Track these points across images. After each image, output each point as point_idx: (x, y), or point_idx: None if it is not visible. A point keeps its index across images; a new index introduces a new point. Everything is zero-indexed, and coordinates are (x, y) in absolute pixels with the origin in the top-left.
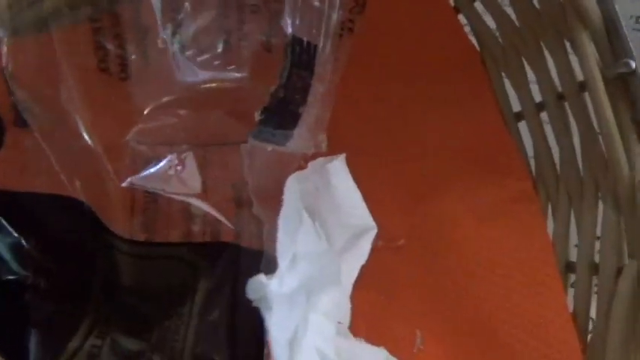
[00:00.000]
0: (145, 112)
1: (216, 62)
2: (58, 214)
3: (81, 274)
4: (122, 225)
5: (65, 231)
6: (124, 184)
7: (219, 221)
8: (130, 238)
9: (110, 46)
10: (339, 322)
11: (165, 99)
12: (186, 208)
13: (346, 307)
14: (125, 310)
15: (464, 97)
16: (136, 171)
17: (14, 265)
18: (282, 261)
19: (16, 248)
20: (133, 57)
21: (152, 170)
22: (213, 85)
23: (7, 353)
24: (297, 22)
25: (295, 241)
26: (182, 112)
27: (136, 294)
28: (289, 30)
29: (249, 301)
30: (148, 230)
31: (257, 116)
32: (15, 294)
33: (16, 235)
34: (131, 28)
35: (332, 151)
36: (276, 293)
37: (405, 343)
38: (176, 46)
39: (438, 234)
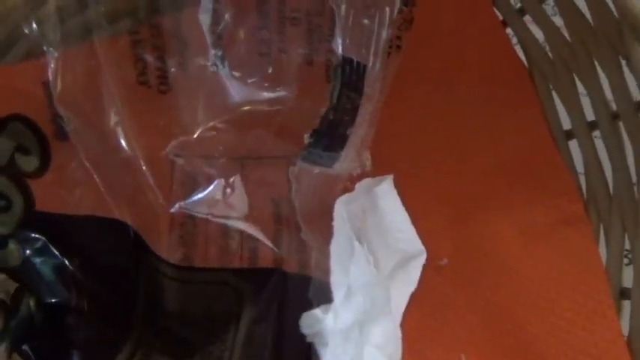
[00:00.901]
0: (184, 126)
1: (256, 77)
2: (102, 237)
3: (123, 297)
4: (161, 242)
5: (109, 253)
6: (172, 210)
7: (258, 238)
8: (175, 263)
9: (149, 59)
10: (391, 355)
11: (204, 112)
12: (223, 225)
13: (397, 338)
14: (167, 334)
15: (511, 114)
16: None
17: (58, 288)
18: (337, 294)
19: (60, 270)
20: (173, 70)
21: (200, 195)
22: (252, 99)
23: None
24: (347, 41)
25: (348, 271)
26: (220, 125)
27: (178, 318)
28: (339, 50)
29: (295, 329)
30: (186, 245)
31: (306, 139)
32: (58, 316)
33: (60, 257)
34: (171, 40)
35: (375, 169)
36: (332, 329)
37: None
38: (217, 61)
39: (483, 255)
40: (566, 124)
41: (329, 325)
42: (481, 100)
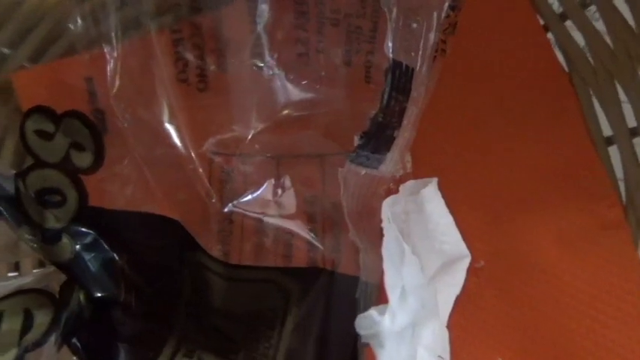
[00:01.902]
0: (221, 124)
1: (295, 77)
2: (151, 233)
3: (170, 292)
4: (210, 239)
5: (157, 250)
6: (225, 210)
7: (292, 235)
8: (225, 260)
9: (190, 57)
10: (440, 357)
11: (242, 111)
12: (259, 221)
13: (446, 339)
14: (212, 330)
15: (551, 119)
16: (219, 189)
17: (106, 282)
18: (393, 296)
19: (109, 265)
20: (212, 68)
21: (254, 195)
22: (290, 99)
23: None
24: (397, 45)
25: (401, 273)
26: (257, 124)
27: (224, 315)
28: (390, 53)
29: (340, 329)
30: (223, 242)
31: (356, 140)
32: (105, 311)
33: (110, 252)
34: (211, 39)
35: (415, 171)
36: (389, 330)
37: None
38: (256, 60)
39: (520, 258)
40: (607, 129)
41: (386, 326)
42: (521, 104)
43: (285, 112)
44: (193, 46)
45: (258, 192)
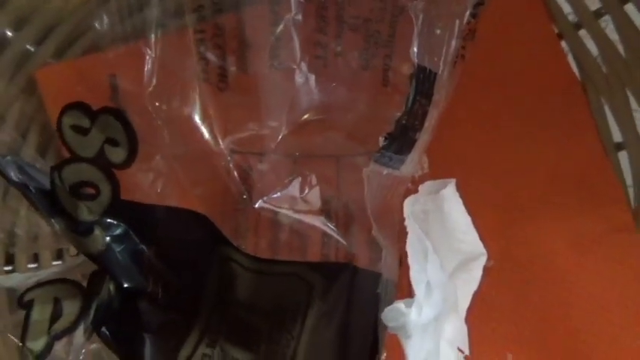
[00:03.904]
0: (240, 123)
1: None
2: (180, 227)
3: (196, 284)
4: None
5: (185, 243)
6: (256, 206)
7: (317, 231)
8: (253, 254)
9: (211, 57)
10: (459, 349)
11: (261, 111)
12: (273, 216)
13: (465, 334)
14: (235, 322)
15: (564, 125)
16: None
17: (135, 274)
18: (418, 290)
19: (138, 257)
20: (233, 69)
21: (283, 192)
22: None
23: (125, 356)
24: (422, 50)
25: (425, 269)
26: (274, 123)
27: (248, 307)
28: (415, 58)
29: (361, 323)
30: (251, 236)
31: (381, 142)
32: (133, 301)
33: (139, 244)
34: (232, 40)
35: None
36: (415, 322)
37: None
38: (275, 62)
39: (533, 258)
40: (617, 136)
41: (413, 319)
42: (535, 110)
43: (306, 115)
44: (215, 46)
45: (287, 189)
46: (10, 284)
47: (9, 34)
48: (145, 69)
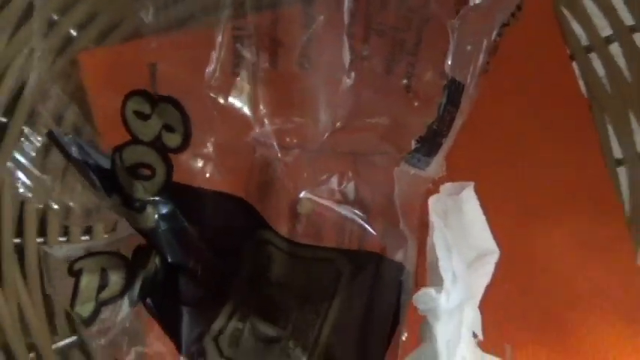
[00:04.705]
0: (266, 117)
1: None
2: (223, 210)
3: (233, 264)
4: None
5: (227, 225)
6: (301, 195)
7: (350, 221)
8: (291, 239)
9: (246, 54)
10: (474, 333)
11: (285, 106)
12: (293, 206)
13: (479, 319)
14: (266, 299)
15: (570, 138)
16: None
17: (178, 250)
18: (446, 278)
19: (182, 236)
20: (264, 65)
21: (326, 184)
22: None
23: (165, 326)
24: (455, 63)
25: (451, 259)
26: (297, 119)
27: (280, 287)
28: (448, 70)
29: (382, 310)
30: (290, 222)
31: (413, 144)
32: (174, 275)
33: (185, 224)
34: (265, 38)
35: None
36: (445, 307)
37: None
38: (304, 61)
39: (535, 259)
40: (617, 152)
41: (442, 303)
42: (545, 123)
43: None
44: (250, 43)
45: (328, 182)
46: (62, 254)
47: (54, 17)
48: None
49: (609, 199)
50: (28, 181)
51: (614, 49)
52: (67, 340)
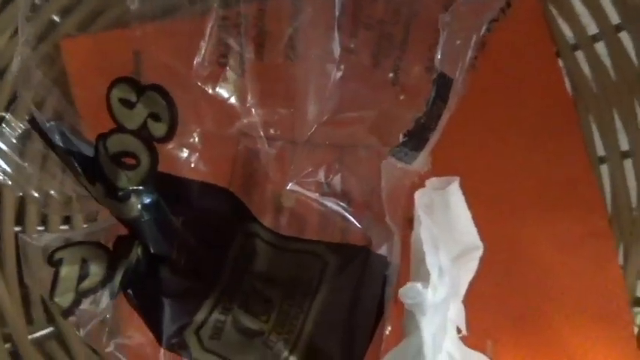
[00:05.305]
0: (252, 107)
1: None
2: (208, 201)
3: (218, 256)
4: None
5: (211, 216)
6: (288, 187)
7: (336, 214)
8: (276, 231)
9: (233, 44)
10: (458, 327)
11: (271, 97)
12: (278, 198)
13: (463, 314)
14: (250, 292)
15: (554, 135)
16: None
17: (162, 241)
18: (433, 273)
19: (166, 226)
20: (249, 56)
21: (313, 177)
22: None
23: (146, 317)
24: (444, 58)
25: (438, 254)
26: (283, 111)
27: (264, 279)
28: (437, 65)
29: (367, 303)
30: (275, 214)
31: (400, 138)
32: (157, 267)
33: (169, 214)
34: (253, 29)
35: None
36: (431, 301)
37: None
38: (290, 53)
39: (517, 254)
40: (600, 150)
41: (429, 298)
42: (530, 120)
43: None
44: (237, 33)
45: (315, 174)
46: (41, 243)
47: (37, 2)
48: (181, 48)
49: (592, 197)
50: (7, 168)
51: (600, 47)
52: (44, 331)
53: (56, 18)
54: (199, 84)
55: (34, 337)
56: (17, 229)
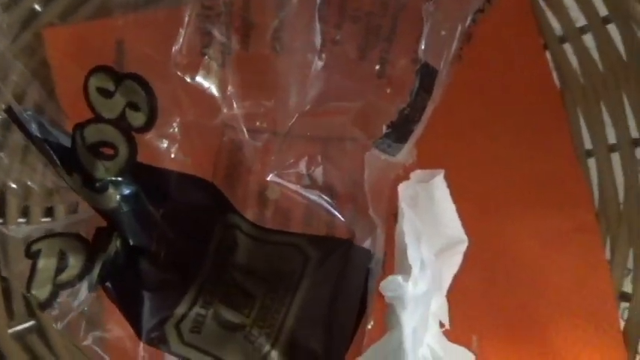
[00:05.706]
0: (235, 99)
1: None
2: (188, 192)
3: (198, 248)
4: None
5: (192, 208)
6: (268, 178)
7: (318, 207)
8: (257, 223)
9: (216, 34)
10: (441, 322)
11: (254, 89)
12: (261, 190)
13: (445, 308)
14: (231, 285)
15: (541, 129)
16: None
17: (141, 233)
18: (414, 266)
19: (146, 217)
20: (235, 47)
21: (294, 168)
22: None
23: (125, 311)
24: (428, 49)
25: (419, 247)
26: (266, 102)
27: (245, 272)
28: (421, 55)
29: (349, 296)
30: (257, 207)
31: (384, 129)
32: (136, 259)
33: (148, 206)
34: (238, 19)
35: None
36: (412, 295)
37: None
38: (276, 45)
39: (503, 249)
40: (587, 143)
41: (409, 291)
42: (516, 113)
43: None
44: (222, 23)
45: (297, 165)
46: (21, 235)
47: None
48: (164, 37)
49: (579, 191)
50: None
51: (588, 39)
52: (25, 325)
53: (37, 7)
54: (179, 73)
55: (14, 331)
56: None
